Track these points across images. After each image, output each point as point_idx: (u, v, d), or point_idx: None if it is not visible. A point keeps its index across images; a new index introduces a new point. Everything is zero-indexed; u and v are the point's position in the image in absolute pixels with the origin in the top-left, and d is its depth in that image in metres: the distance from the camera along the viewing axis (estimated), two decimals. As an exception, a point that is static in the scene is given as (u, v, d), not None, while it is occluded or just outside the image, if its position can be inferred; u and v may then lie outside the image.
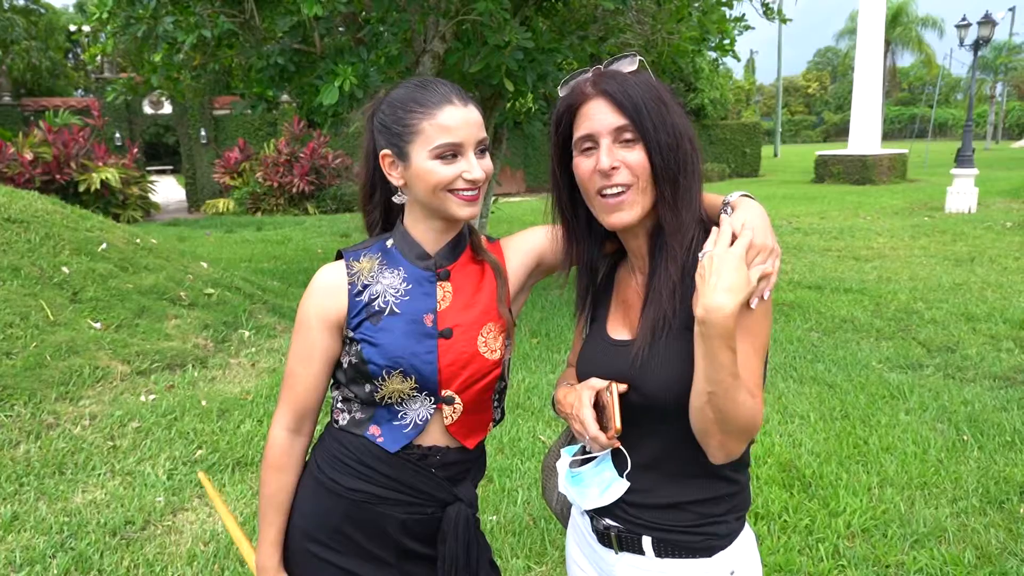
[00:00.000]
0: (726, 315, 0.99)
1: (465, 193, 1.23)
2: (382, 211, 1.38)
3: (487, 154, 1.27)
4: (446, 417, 1.29)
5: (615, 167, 1.13)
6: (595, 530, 1.29)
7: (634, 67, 1.17)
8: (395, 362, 1.24)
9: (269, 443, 1.35)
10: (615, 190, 1.14)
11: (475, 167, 1.23)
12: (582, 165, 1.17)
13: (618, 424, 1.12)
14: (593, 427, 1.16)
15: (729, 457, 1.12)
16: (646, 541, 1.21)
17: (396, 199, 1.32)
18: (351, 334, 1.28)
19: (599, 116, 1.14)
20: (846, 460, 3.52)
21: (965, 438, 3.73)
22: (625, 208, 1.15)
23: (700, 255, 1.07)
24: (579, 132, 1.16)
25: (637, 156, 1.13)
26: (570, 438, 1.46)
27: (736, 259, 1.02)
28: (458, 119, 1.21)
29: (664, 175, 1.14)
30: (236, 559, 2.76)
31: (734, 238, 1.06)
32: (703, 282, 1.03)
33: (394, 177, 1.28)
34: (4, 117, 18.55)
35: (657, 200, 1.17)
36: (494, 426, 1.41)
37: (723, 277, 1.01)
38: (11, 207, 5.54)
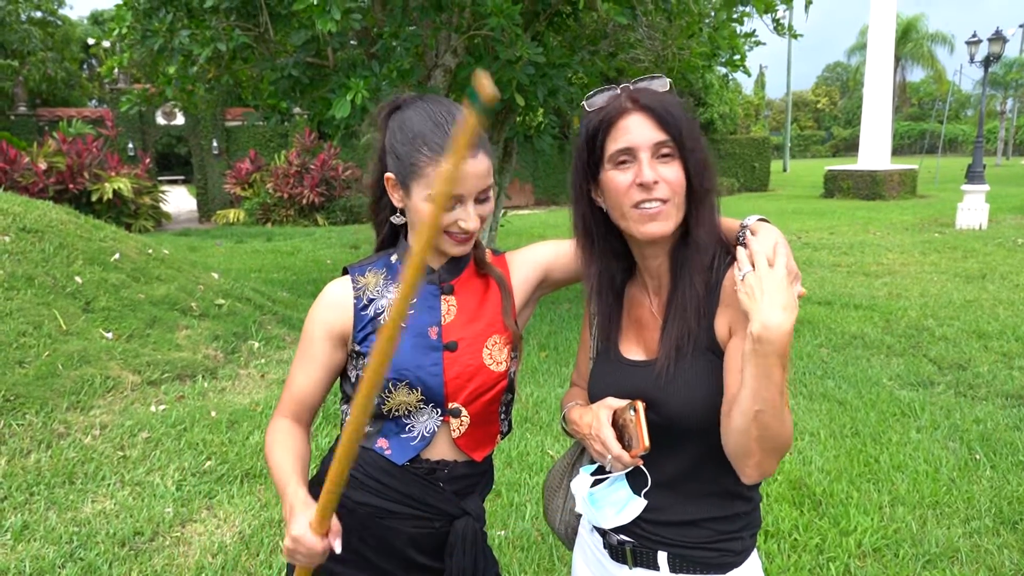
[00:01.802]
0: (785, 332, 1.00)
1: (458, 235, 1.24)
2: (390, 212, 1.38)
3: (488, 199, 1.26)
4: (453, 430, 1.30)
5: (656, 182, 1.13)
6: (608, 545, 1.29)
7: (666, 88, 1.18)
8: (401, 374, 1.25)
9: (269, 429, 1.35)
10: (653, 204, 1.14)
11: (471, 217, 1.23)
12: (617, 178, 1.16)
13: (646, 442, 1.12)
14: (616, 447, 1.16)
15: (763, 476, 1.12)
16: (661, 557, 1.22)
17: (395, 219, 1.33)
18: (358, 348, 1.29)
19: (639, 130, 1.14)
20: (857, 478, 3.50)
21: (977, 457, 3.70)
22: (662, 219, 1.15)
23: (738, 274, 1.07)
24: (616, 145, 1.15)
25: (675, 172, 1.14)
26: (577, 458, 1.45)
27: (784, 279, 1.03)
28: (463, 172, 1.19)
29: (698, 192, 1.16)
30: (244, 571, 2.76)
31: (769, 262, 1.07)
32: (753, 301, 1.03)
33: (395, 199, 1.29)
34: (20, 127, 18.79)
35: (688, 216, 1.18)
36: (501, 438, 1.42)
37: (777, 296, 1.01)
38: (26, 217, 5.60)
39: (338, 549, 1.16)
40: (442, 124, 1.22)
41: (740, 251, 1.09)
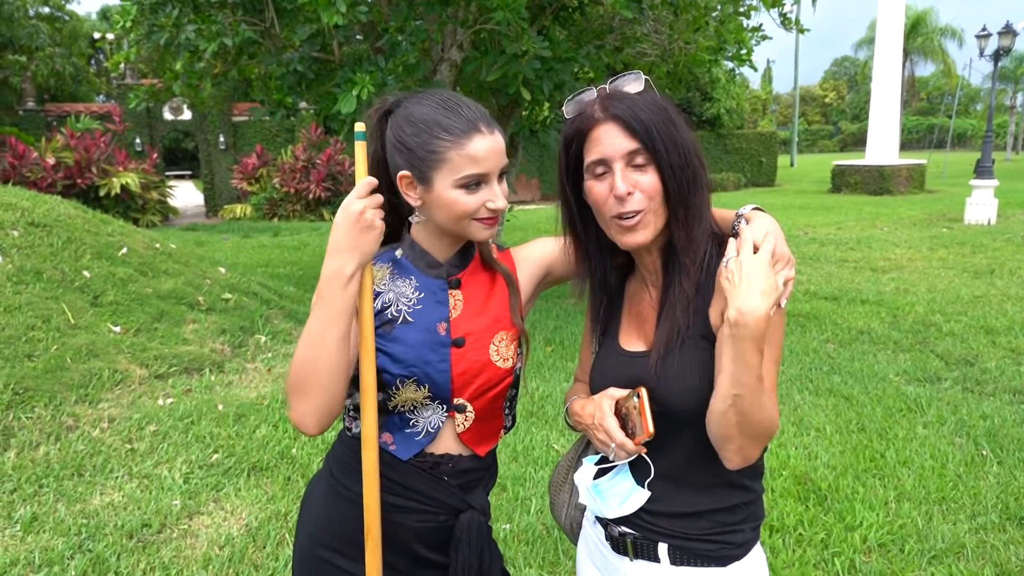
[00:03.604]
0: (759, 317, 1.01)
1: (488, 218, 1.23)
2: (407, 212, 1.33)
3: (504, 177, 1.26)
4: (458, 425, 1.30)
5: (630, 192, 1.14)
6: (609, 537, 1.30)
7: (640, 87, 1.17)
8: (409, 371, 1.24)
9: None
10: (629, 217, 1.15)
11: (499, 196, 1.22)
12: (595, 189, 1.17)
13: (651, 428, 1.13)
14: (619, 435, 1.17)
15: (746, 461, 1.13)
16: (662, 548, 1.22)
17: (413, 219, 1.30)
18: None
19: (611, 141, 1.14)
20: (863, 473, 3.49)
21: (984, 453, 3.69)
22: (639, 229, 1.16)
23: (723, 262, 1.08)
24: (591, 157, 1.17)
25: (650, 179, 1.14)
26: (581, 452, 1.46)
27: (765, 264, 1.04)
28: (486, 149, 1.18)
29: (677, 196, 1.16)
30: (250, 563, 2.78)
31: (755, 247, 1.07)
32: (732, 287, 1.04)
33: (411, 198, 1.26)
34: (28, 122, 18.87)
35: (670, 219, 1.18)
36: (505, 433, 1.41)
37: (755, 281, 1.02)
38: (34, 211, 5.63)
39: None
40: (453, 106, 1.21)
41: (731, 241, 1.10)
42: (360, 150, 1.19)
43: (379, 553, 1.21)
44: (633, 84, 1.17)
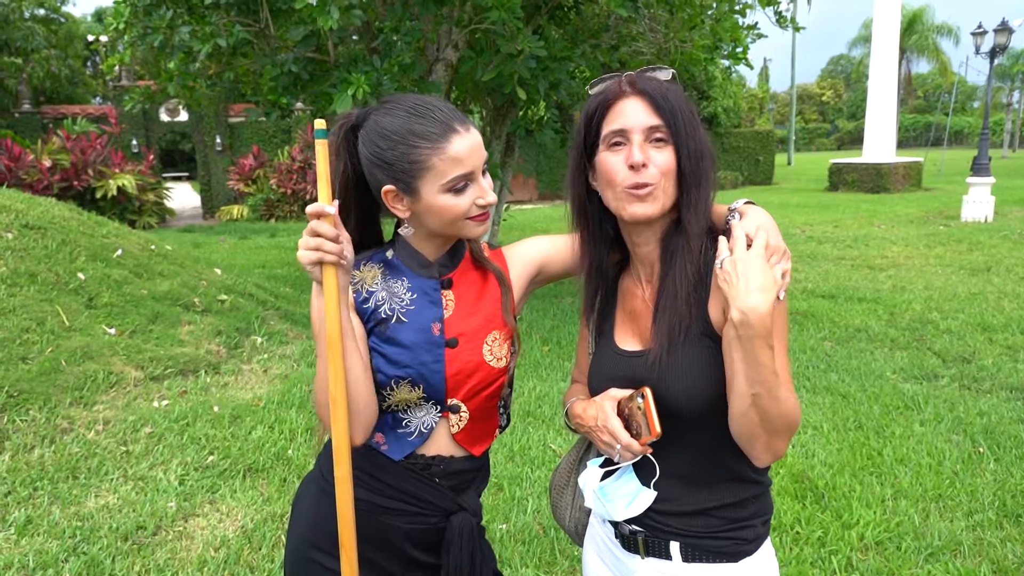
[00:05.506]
0: (763, 314, 1.00)
1: (479, 215, 1.23)
2: (357, 235, 1.30)
3: (487, 171, 1.26)
4: (452, 426, 1.29)
5: (645, 164, 1.14)
6: (619, 535, 1.29)
7: (668, 78, 1.20)
8: (404, 372, 1.24)
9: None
10: (641, 188, 1.15)
11: (487, 192, 1.22)
12: (609, 159, 1.17)
13: (658, 428, 1.12)
14: (625, 436, 1.17)
15: (775, 457, 1.13)
16: (674, 546, 1.22)
17: (403, 231, 1.30)
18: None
19: (634, 113, 1.15)
20: (860, 471, 3.49)
21: (981, 450, 3.69)
22: (649, 200, 1.15)
23: (717, 262, 1.07)
24: (611, 126, 1.17)
25: (666, 157, 1.15)
26: (583, 454, 1.45)
27: (760, 259, 1.03)
28: (467, 148, 1.18)
29: (690, 179, 1.16)
30: (246, 565, 2.77)
31: (748, 242, 1.07)
32: (731, 287, 1.03)
33: (399, 210, 1.25)
34: (24, 124, 18.78)
35: (680, 202, 1.18)
36: (500, 432, 1.41)
37: (752, 278, 1.01)
38: (29, 213, 5.61)
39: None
40: (423, 111, 1.19)
41: (722, 240, 1.10)
42: (321, 148, 1.13)
43: (355, 565, 1.20)
44: (662, 73, 1.20)
